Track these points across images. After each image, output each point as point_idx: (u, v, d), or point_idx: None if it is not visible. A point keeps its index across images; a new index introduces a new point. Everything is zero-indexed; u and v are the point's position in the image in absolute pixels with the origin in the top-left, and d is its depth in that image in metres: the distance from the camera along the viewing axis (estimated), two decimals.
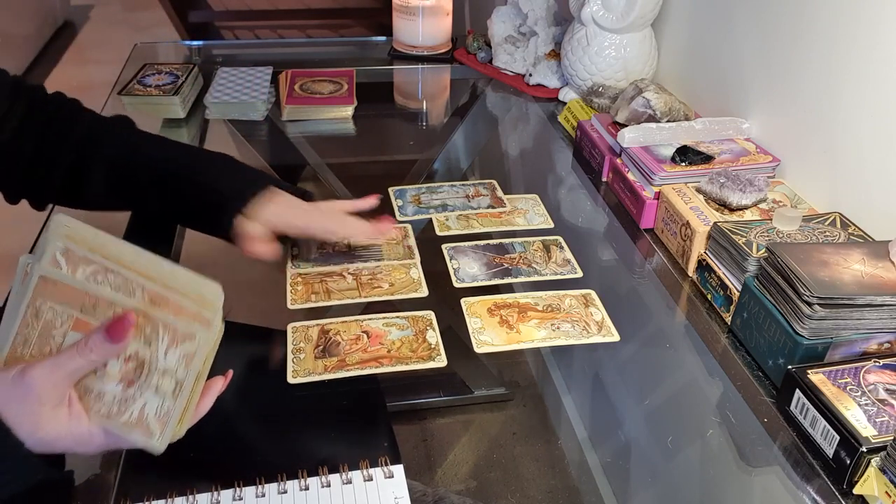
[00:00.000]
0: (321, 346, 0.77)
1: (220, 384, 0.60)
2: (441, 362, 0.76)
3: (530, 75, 1.40)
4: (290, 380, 0.73)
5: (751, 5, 1.01)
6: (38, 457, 0.51)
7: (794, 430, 0.66)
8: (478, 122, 1.37)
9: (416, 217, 1.01)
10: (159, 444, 0.54)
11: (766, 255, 0.73)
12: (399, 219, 1.01)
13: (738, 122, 1.04)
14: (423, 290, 0.86)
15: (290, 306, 0.83)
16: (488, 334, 0.79)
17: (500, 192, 1.08)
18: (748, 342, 0.76)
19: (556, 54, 1.39)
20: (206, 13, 3.68)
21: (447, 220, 1.01)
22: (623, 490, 0.71)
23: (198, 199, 0.81)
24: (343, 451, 0.70)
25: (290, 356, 0.76)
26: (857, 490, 0.60)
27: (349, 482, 0.62)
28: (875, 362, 0.66)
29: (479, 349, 0.78)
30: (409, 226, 0.99)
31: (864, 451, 0.58)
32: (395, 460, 0.64)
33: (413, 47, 1.56)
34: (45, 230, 0.54)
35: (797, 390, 0.65)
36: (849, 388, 0.63)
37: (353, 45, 1.81)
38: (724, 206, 0.88)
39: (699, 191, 0.91)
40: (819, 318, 0.66)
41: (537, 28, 1.40)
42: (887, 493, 0.56)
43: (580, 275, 0.90)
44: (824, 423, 0.62)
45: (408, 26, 1.54)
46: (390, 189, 1.08)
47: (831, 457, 0.61)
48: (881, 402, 0.62)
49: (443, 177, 1.17)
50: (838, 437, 0.60)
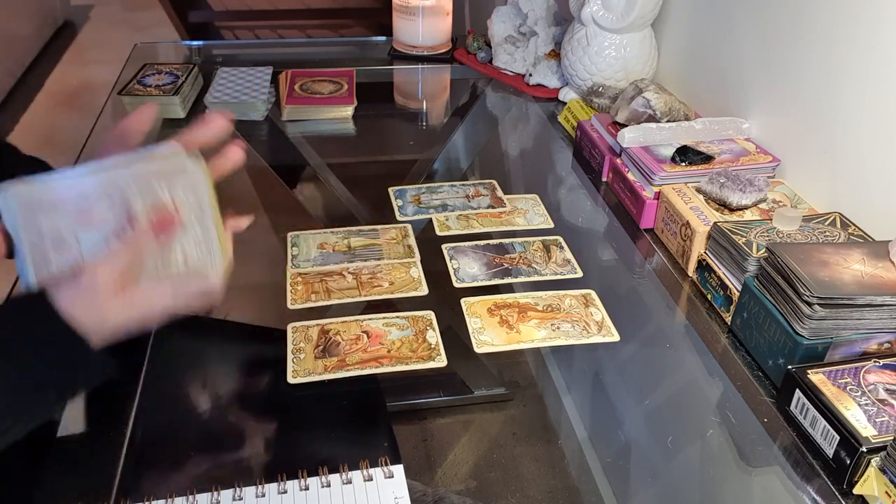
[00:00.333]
0: (321, 346, 0.77)
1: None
2: (441, 362, 0.76)
3: (530, 75, 1.40)
4: (290, 380, 0.73)
5: (751, 5, 1.01)
6: (107, 356, 0.54)
7: (794, 430, 0.66)
8: (478, 122, 1.37)
9: (416, 217, 1.01)
10: (214, 275, 0.57)
11: (766, 255, 0.73)
12: (399, 219, 1.01)
13: (738, 122, 1.04)
14: (423, 289, 0.86)
15: (290, 306, 0.83)
16: (488, 334, 0.79)
17: (500, 192, 1.08)
18: (748, 342, 0.76)
19: (556, 54, 1.39)
20: (206, 13, 3.68)
21: (447, 220, 1.01)
22: (623, 490, 0.71)
23: None
24: (343, 451, 0.70)
25: (290, 356, 0.76)
26: (857, 490, 0.60)
27: (349, 482, 0.62)
28: (875, 362, 0.66)
29: (479, 349, 0.78)
30: (409, 226, 0.99)
31: (864, 451, 0.58)
32: (395, 460, 0.64)
33: (413, 47, 1.56)
34: None
35: (797, 390, 0.65)
36: (849, 388, 0.63)
37: (353, 45, 1.82)
38: (724, 206, 0.88)
39: (699, 191, 0.91)
40: (819, 318, 0.66)
41: (537, 28, 1.40)
42: (887, 493, 0.56)
43: (580, 275, 0.90)
44: (824, 423, 0.62)
45: (408, 26, 1.54)
46: (390, 189, 1.08)
47: (831, 457, 0.61)
48: (881, 402, 0.62)
49: (443, 177, 1.17)
50: (838, 437, 0.60)
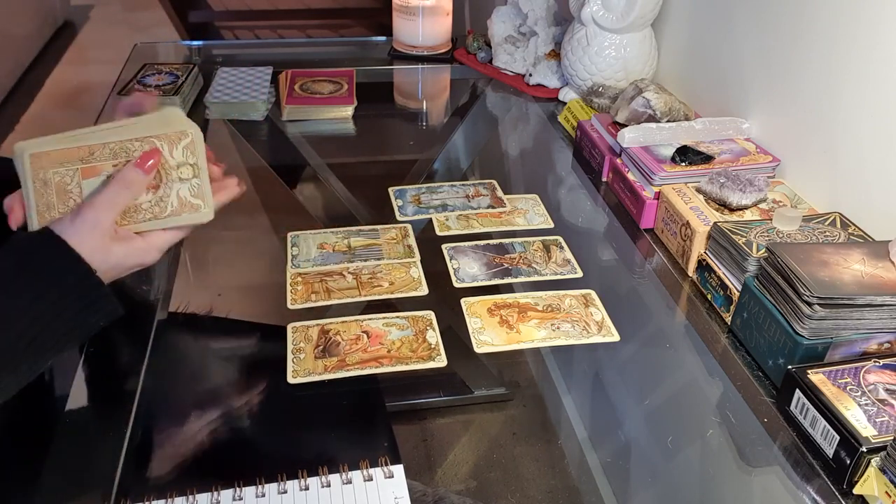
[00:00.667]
0: (321, 346, 0.77)
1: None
2: (441, 362, 0.76)
3: (530, 75, 1.40)
4: (290, 380, 0.73)
5: (751, 5, 1.01)
6: (114, 293, 0.58)
7: (794, 430, 0.66)
8: (478, 122, 1.37)
9: (416, 217, 1.01)
10: (208, 212, 0.64)
11: (766, 255, 0.73)
12: (399, 219, 1.01)
13: (738, 122, 1.04)
14: (423, 289, 0.86)
15: (290, 306, 0.83)
16: (488, 334, 0.79)
17: (500, 192, 1.08)
18: (748, 342, 0.76)
19: (556, 54, 1.39)
20: (206, 13, 3.68)
21: (447, 220, 1.01)
22: (623, 490, 0.71)
23: None
24: (343, 451, 0.70)
25: (290, 356, 0.76)
26: (857, 490, 0.60)
27: (349, 482, 0.62)
28: (875, 362, 0.66)
29: (479, 349, 0.78)
30: (409, 226, 0.99)
31: (864, 451, 0.58)
32: (395, 460, 0.64)
33: (413, 47, 1.56)
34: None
35: (797, 390, 0.65)
36: (849, 388, 0.63)
37: (353, 45, 1.82)
38: (724, 206, 0.88)
39: (699, 191, 0.91)
40: (819, 318, 0.66)
41: (537, 28, 1.40)
42: (887, 493, 0.56)
43: (580, 275, 0.90)
44: (824, 423, 0.62)
45: (408, 26, 1.54)
46: (390, 189, 1.08)
47: (831, 457, 0.61)
48: (881, 402, 0.62)
49: (443, 177, 1.17)
50: (838, 437, 0.60)
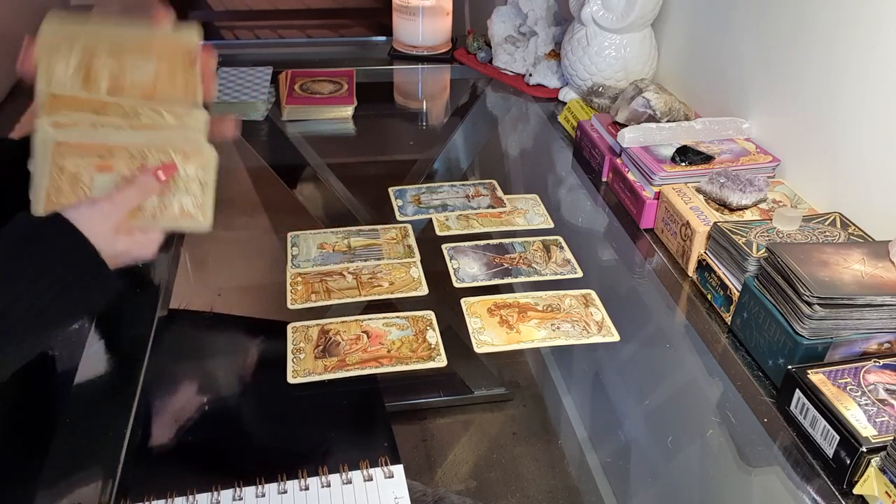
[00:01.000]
0: (321, 346, 0.77)
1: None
2: (441, 362, 0.76)
3: (530, 75, 1.40)
4: (290, 380, 0.73)
5: (751, 5, 1.01)
6: (115, 275, 0.62)
7: (794, 430, 0.66)
8: (478, 122, 1.37)
9: (416, 217, 1.01)
10: (205, 224, 0.67)
11: (766, 255, 0.73)
12: (399, 219, 1.01)
13: (738, 122, 1.04)
14: (423, 289, 0.86)
15: (290, 306, 0.83)
16: (488, 334, 0.79)
17: (500, 192, 1.08)
18: (748, 342, 0.75)
19: (556, 54, 1.39)
20: (206, 13, 3.67)
21: (447, 220, 1.01)
22: (623, 490, 0.71)
23: None
24: (343, 451, 0.70)
25: (290, 356, 0.76)
26: (857, 490, 0.60)
27: (349, 482, 0.62)
28: (875, 362, 0.66)
29: (479, 349, 0.78)
30: (409, 226, 0.99)
31: (864, 451, 0.58)
32: (395, 460, 0.64)
33: (413, 47, 1.56)
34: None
35: (797, 390, 0.65)
36: (849, 388, 0.63)
37: (353, 45, 1.81)
38: (724, 206, 0.88)
39: (699, 191, 0.91)
40: (819, 318, 0.66)
41: (537, 28, 1.40)
42: (887, 493, 0.56)
43: (580, 275, 0.90)
44: (824, 423, 0.62)
45: (408, 26, 1.54)
46: (390, 189, 1.08)
47: (831, 457, 0.61)
48: (881, 402, 0.62)
49: (443, 177, 1.17)
50: (838, 437, 0.60)
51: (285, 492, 0.61)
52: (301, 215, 1.09)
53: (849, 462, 0.59)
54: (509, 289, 0.88)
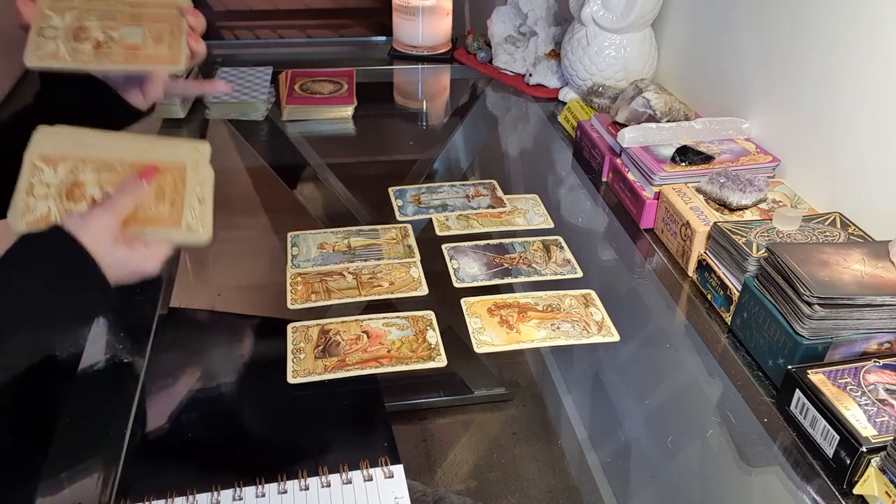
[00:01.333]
0: (321, 346, 0.77)
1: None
2: (441, 362, 0.76)
3: (530, 75, 1.40)
4: (290, 380, 0.73)
5: (751, 5, 1.01)
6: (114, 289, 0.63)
7: (794, 430, 0.66)
8: (478, 122, 1.37)
9: (416, 217, 1.01)
10: (205, 236, 0.68)
11: (766, 255, 0.73)
12: (399, 219, 1.01)
13: (738, 122, 1.04)
14: (423, 289, 0.86)
15: (290, 306, 0.83)
16: (488, 334, 0.79)
17: (500, 192, 1.08)
18: (748, 342, 0.76)
19: (556, 54, 1.39)
20: (206, 13, 3.67)
21: (447, 220, 1.01)
22: (623, 490, 0.71)
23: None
24: (343, 451, 0.70)
25: (290, 356, 0.76)
26: (857, 490, 0.60)
27: (349, 482, 0.62)
28: (875, 362, 0.66)
29: (479, 349, 0.78)
30: (409, 226, 0.99)
31: (864, 451, 0.58)
32: (395, 460, 0.64)
33: (413, 47, 1.56)
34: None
35: (797, 390, 0.65)
36: (849, 388, 0.63)
37: (353, 45, 1.81)
38: (724, 206, 0.88)
39: (699, 191, 0.91)
40: (819, 318, 0.66)
41: (537, 28, 1.40)
42: (887, 493, 0.56)
43: (580, 275, 0.90)
44: (824, 423, 0.62)
45: (408, 26, 1.54)
46: (390, 189, 1.08)
47: (831, 457, 0.61)
48: (881, 402, 0.62)
49: (443, 177, 1.17)
50: (838, 437, 0.60)
51: (285, 492, 0.61)
52: (301, 215, 1.09)
53: (849, 462, 0.59)
54: (509, 289, 0.88)
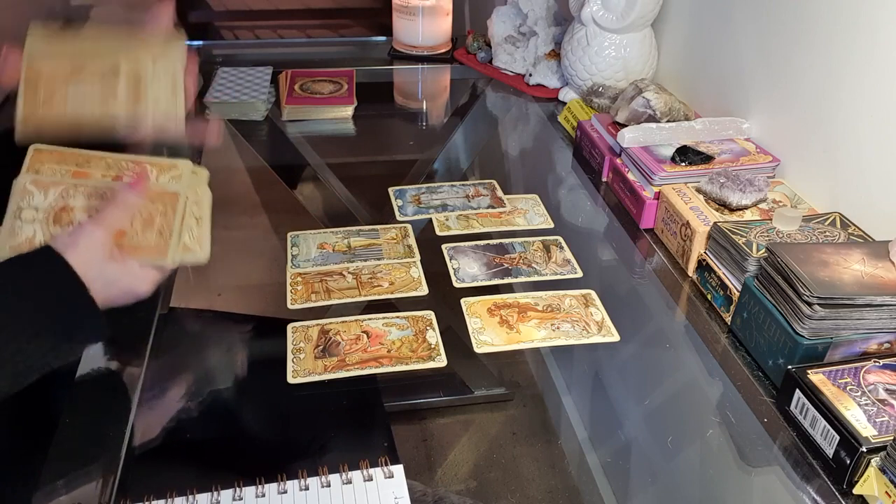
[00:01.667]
0: (321, 346, 0.77)
1: None
2: (441, 362, 0.76)
3: (530, 75, 1.40)
4: (290, 380, 0.73)
5: (751, 5, 1.01)
6: (105, 316, 0.61)
7: (794, 430, 0.66)
8: (478, 122, 1.37)
9: (416, 217, 1.01)
10: (203, 256, 0.68)
11: (766, 255, 0.73)
12: (399, 219, 1.01)
13: (738, 122, 1.04)
14: (424, 289, 0.86)
15: (290, 306, 0.83)
16: (488, 334, 0.79)
17: (500, 192, 1.08)
18: (748, 342, 0.76)
19: (556, 54, 1.39)
20: (206, 13, 3.67)
21: (447, 220, 1.01)
22: (623, 490, 0.71)
23: None
24: (343, 451, 0.70)
25: (290, 356, 0.76)
26: (857, 490, 0.60)
27: (349, 482, 0.62)
28: (875, 362, 0.66)
29: (479, 349, 0.78)
30: (409, 226, 0.99)
31: (864, 451, 0.58)
32: (395, 460, 0.64)
33: (413, 47, 1.56)
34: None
35: (797, 390, 0.65)
36: (849, 388, 0.63)
37: (353, 45, 1.82)
38: (724, 206, 0.88)
39: (699, 191, 0.91)
40: (819, 318, 0.66)
41: (537, 28, 1.40)
42: (887, 493, 0.56)
43: (580, 275, 0.90)
44: (824, 423, 0.62)
45: (408, 26, 1.54)
46: (390, 189, 1.08)
47: (831, 457, 0.61)
48: (881, 402, 0.62)
49: (443, 177, 1.17)
50: (838, 437, 0.60)
51: (285, 492, 0.61)
52: (301, 215, 1.09)
53: (849, 462, 0.59)
54: (509, 289, 0.88)
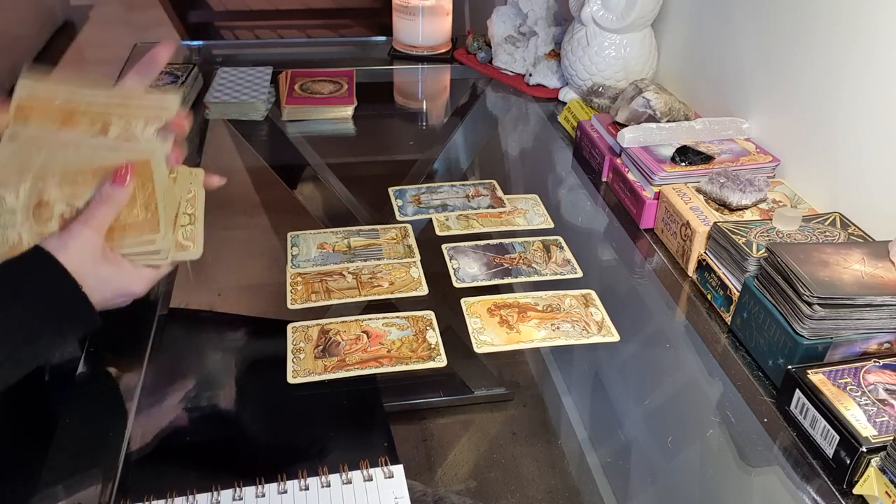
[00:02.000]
0: (321, 346, 0.77)
1: None
2: (441, 362, 0.76)
3: (530, 75, 1.40)
4: (290, 380, 0.73)
5: (751, 5, 1.01)
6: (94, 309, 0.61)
7: (794, 430, 0.66)
8: (478, 122, 1.37)
9: (416, 217, 1.01)
10: (196, 252, 0.68)
11: (766, 255, 0.73)
12: (399, 219, 1.01)
13: (738, 122, 1.04)
14: (424, 289, 0.86)
15: (290, 306, 0.83)
16: (488, 334, 0.79)
17: (500, 192, 1.08)
18: (748, 342, 0.76)
19: (556, 54, 1.39)
20: (206, 13, 3.67)
21: (447, 220, 1.01)
22: (623, 490, 0.71)
23: None
24: (343, 451, 0.70)
25: (290, 356, 0.76)
26: (857, 490, 0.60)
27: (349, 482, 0.62)
28: (875, 362, 0.66)
29: (479, 349, 0.78)
30: (409, 226, 0.99)
31: (864, 451, 0.58)
32: (395, 461, 0.64)
33: (413, 47, 1.56)
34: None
35: (797, 390, 0.65)
36: (849, 388, 0.63)
37: (353, 45, 1.82)
38: (724, 206, 0.88)
39: (699, 191, 0.91)
40: (819, 318, 0.66)
41: (537, 28, 1.40)
42: (887, 493, 0.56)
43: (580, 275, 0.90)
44: (824, 423, 0.62)
45: (408, 26, 1.54)
46: (390, 189, 1.08)
47: (831, 457, 0.61)
48: (881, 402, 0.62)
49: (443, 177, 1.17)
50: (838, 437, 0.60)
51: (285, 492, 0.61)
52: (301, 215, 1.09)
53: (849, 462, 0.59)
54: (509, 289, 0.88)
